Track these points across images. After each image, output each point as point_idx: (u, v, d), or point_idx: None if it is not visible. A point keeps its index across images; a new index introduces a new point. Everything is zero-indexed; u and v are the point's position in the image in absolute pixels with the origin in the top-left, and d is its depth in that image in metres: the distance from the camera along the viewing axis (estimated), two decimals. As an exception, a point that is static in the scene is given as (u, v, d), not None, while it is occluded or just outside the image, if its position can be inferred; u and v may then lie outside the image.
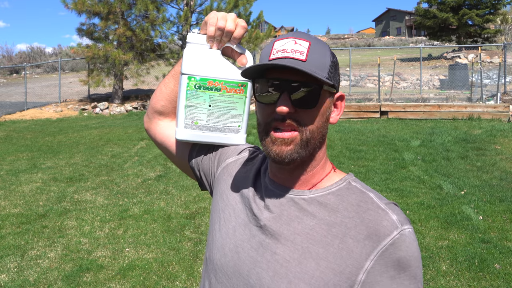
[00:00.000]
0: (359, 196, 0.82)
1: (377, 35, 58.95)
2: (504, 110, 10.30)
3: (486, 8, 26.13)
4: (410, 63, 21.58)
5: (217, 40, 0.95)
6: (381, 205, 0.81)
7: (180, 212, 4.94)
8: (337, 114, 0.88)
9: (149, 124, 1.15)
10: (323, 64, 0.80)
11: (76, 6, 13.85)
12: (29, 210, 5.12)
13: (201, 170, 1.07)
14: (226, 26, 0.93)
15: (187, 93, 0.99)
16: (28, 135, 10.20)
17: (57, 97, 15.73)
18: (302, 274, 0.77)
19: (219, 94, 1.00)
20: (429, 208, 4.81)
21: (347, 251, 0.77)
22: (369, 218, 0.78)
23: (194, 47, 0.99)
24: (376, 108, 11.05)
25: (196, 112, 1.01)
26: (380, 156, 7.11)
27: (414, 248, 0.77)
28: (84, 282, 3.46)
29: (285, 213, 0.84)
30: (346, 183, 0.85)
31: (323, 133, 0.85)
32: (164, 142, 1.12)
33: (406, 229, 0.77)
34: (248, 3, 14.29)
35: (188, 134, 1.02)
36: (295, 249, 0.79)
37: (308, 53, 0.79)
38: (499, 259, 3.62)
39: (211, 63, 0.99)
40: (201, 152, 1.07)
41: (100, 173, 6.64)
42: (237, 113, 1.02)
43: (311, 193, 0.85)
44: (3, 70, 25.67)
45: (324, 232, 0.79)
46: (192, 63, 0.98)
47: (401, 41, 39.53)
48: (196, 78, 0.99)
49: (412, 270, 0.76)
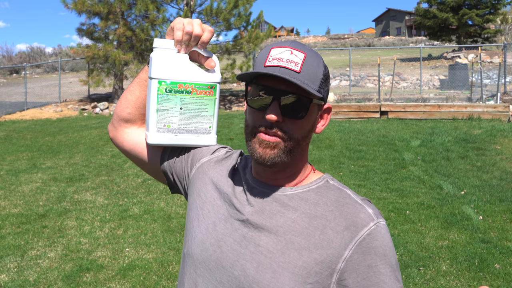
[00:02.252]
0: (337, 193, 0.87)
1: (377, 35, 58.95)
2: (504, 110, 10.30)
3: (486, 8, 26.11)
4: (410, 63, 21.58)
5: (185, 44, 0.98)
6: (358, 200, 0.86)
7: (180, 212, 4.94)
8: (322, 125, 0.92)
9: (115, 133, 1.15)
10: (316, 77, 0.84)
11: (76, 6, 13.85)
12: (29, 210, 5.12)
13: (174, 172, 1.08)
14: (194, 31, 0.96)
15: (158, 97, 1.00)
16: (28, 135, 10.20)
17: (57, 97, 15.73)
18: (286, 263, 0.80)
19: (190, 97, 1.01)
20: (429, 208, 4.81)
21: (327, 242, 0.81)
22: (347, 211, 0.83)
23: (161, 51, 0.99)
24: (376, 108, 11.05)
25: (168, 115, 1.02)
26: (380, 156, 7.11)
27: (388, 239, 0.82)
28: (84, 282, 3.46)
29: (267, 208, 0.87)
30: (324, 182, 0.90)
31: (306, 142, 0.89)
32: (133, 149, 1.12)
33: (381, 221, 0.83)
34: (248, 3, 14.29)
35: (161, 137, 1.03)
36: (278, 240, 0.83)
37: (302, 65, 0.82)
38: (499, 259, 3.62)
39: (180, 67, 1.00)
40: (173, 155, 1.08)
41: (100, 173, 6.64)
42: (208, 114, 1.04)
43: (292, 190, 0.89)
44: (3, 70, 25.66)
45: (305, 224, 0.83)
46: (161, 68, 0.99)
47: (401, 41, 39.53)
48: (167, 82, 1.00)
49: (388, 259, 0.81)
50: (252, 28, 14.98)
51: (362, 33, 69.20)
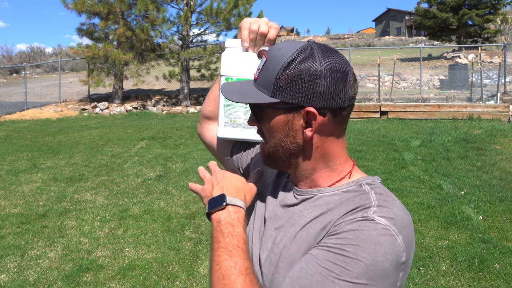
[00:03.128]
0: (358, 192, 0.83)
1: (377, 35, 58.94)
2: (504, 110, 10.30)
3: (486, 8, 26.10)
4: (410, 63, 21.57)
5: (252, 42, 1.03)
6: (373, 196, 0.80)
7: (180, 212, 4.94)
8: (311, 131, 0.82)
9: (200, 129, 1.25)
10: (268, 81, 0.82)
11: (76, 6, 13.85)
12: (29, 210, 5.12)
13: (241, 166, 1.14)
14: (260, 29, 1.01)
15: None
16: (28, 135, 10.20)
17: (57, 97, 15.73)
18: (287, 257, 0.81)
19: None
20: (429, 208, 4.81)
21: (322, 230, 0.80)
22: (350, 203, 0.80)
23: (231, 51, 1.06)
24: (376, 108, 11.05)
25: (234, 110, 1.08)
26: (380, 156, 7.11)
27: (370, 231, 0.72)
28: (84, 282, 3.46)
29: (291, 208, 0.89)
30: (356, 186, 0.85)
31: (289, 148, 0.85)
32: (211, 143, 1.21)
33: (377, 218, 0.73)
34: (248, 3, 14.28)
35: (228, 132, 1.10)
36: (287, 237, 0.85)
37: (261, 71, 0.84)
38: (499, 259, 3.62)
39: (247, 64, 1.05)
40: (241, 150, 1.15)
41: (100, 173, 6.64)
42: None
43: (319, 192, 0.87)
44: (3, 70, 25.66)
45: (318, 230, 0.81)
46: (230, 65, 1.06)
47: (401, 41, 39.52)
48: (233, 79, 1.05)
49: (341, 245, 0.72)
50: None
51: (362, 33, 69.19)
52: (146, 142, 8.83)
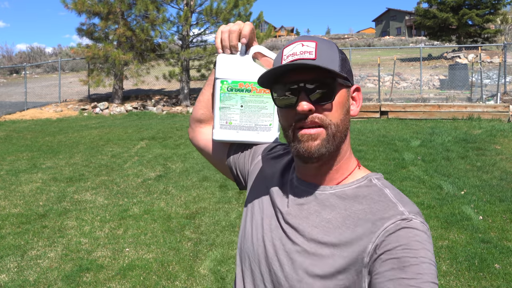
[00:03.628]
0: (375, 192, 0.86)
1: (377, 35, 58.93)
2: (504, 110, 10.30)
3: (486, 8, 26.09)
4: (410, 63, 21.57)
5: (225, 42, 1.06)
6: (393, 198, 0.83)
7: (180, 212, 4.94)
8: (357, 106, 0.91)
9: (192, 133, 1.24)
10: (333, 59, 0.84)
11: (76, 6, 13.85)
12: (29, 210, 5.12)
13: (238, 168, 1.14)
14: (231, 28, 1.05)
15: (221, 95, 1.08)
16: (28, 135, 10.20)
17: (57, 97, 15.73)
18: (317, 261, 0.83)
19: (250, 95, 1.08)
20: (429, 208, 4.81)
21: (356, 240, 0.80)
22: (377, 208, 0.82)
23: (225, 55, 1.08)
24: (376, 108, 11.05)
25: (230, 112, 1.09)
26: (380, 156, 7.11)
27: (417, 233, 0.75)
28: (84, 282, 3.46)
29: (305, 207, 0.89)
30: (367, 181, 0.89)
31: (346, 126, 0.88)
32: (206, 146, 1.21)
33: (413, 218, 0.78)
34: (248, 3, 14.28)
35: (224, 134, 1.10)
36: (312, 239, 0.85)
37: (316, 52, 0.83)
38: (499, 259, 3.62)
39: (242, 67, 1.07)
40: (237, 151, 1.15)
41: (100, 173, 6.64)
42: (268, 112, 1.09)
43: (332, 189, 0.89)
44: (3, 70, 25.66)
45: (339, 224, 0.84)
46: (224, 68, 1.07)
47: (401, 41, 39.51)
48: (228, 81, 1.07)
49: (417, 251, 0.73)
50: (252, 28, 14.95)
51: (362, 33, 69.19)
52: (146, 142, 8.83)
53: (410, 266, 0.72)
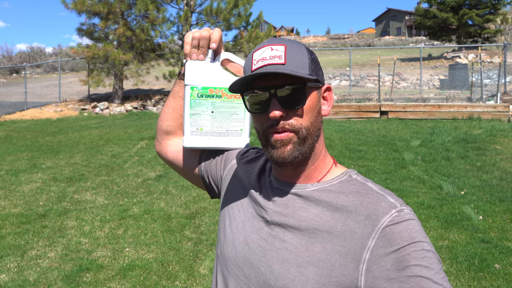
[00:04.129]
0: (358, 186, 0.87)
1: (377, 35, 58.92)
2: (504, 110, 10.30)
3: (486, 8, 26.10)
4: (410, 63, 21.57)
5: (196, 48, 1.05)
6: (379, 191, 0.85)
7: (180, 212, 4.94)
8: (328, 106, 0.92)
9: (160, 146, 1.21)
10: (302, 63, 0.85)
11: (76, 6, 13.85)
12: (29, 210, 5.12)
13: (210, 176, 1.13)
14: (201, 34, 1.04)
15: (191, 102, 1.07)
16: (28, 135, 10.20)
17: (57, 97, 15.73)
18: (310, 257, 0.82)
19: (220, 101, 1.08)
20: (429, 208, 4.81)
21: (349, 233, 0.80)
22: (367, 201, 0.82)
23: (194, 62, 1.07)
24: (376, 108, 11.05)
25: (200, 119, 1.08)
26: (380, 156, 7.11)
27: (414, 224, 0.78)
28: (84, 282, 3.46)
29: (290, 205, 0.89)
30: (347, 177, 0.90)
31: (318, 127, 0.89)
32: (175, 158, 1.18)
33: (404, 208, 0.80)
34: (248, 3, 14.29)
35: (194, 141, 1.09)
36: (302, 235, 0.84)
37: (286, 56, 0.84)
38: (499, 259, 3.62)
39: (211, 74, 1.07)
40: (208, 159, 1.14)
41: (100, 173, 6.64)
42: (239, 117, 1.09)
43: (314, 186, 0.89)
44: (3, 70, 25.66)
45: (327, 218, 0.84)
46: (194, 75, 1.06)
47: (401, 41, 39.50)
48: (198, 88, 1.07)
49: (417, 241, 0.76)
50: (252, 28, 14.98)
51: (362, 33, 69.18)
52: (146, 142, 8.83)
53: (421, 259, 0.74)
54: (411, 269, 0.73)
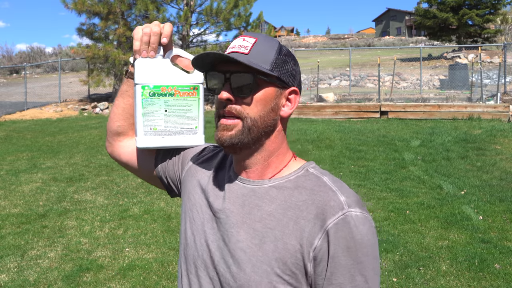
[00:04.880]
0: (314, 181, 0.88)
1: (377, 35, 58.92)
2: (504, 110, 10.30)
3: (486, 8, 26.10)
4: (410, 63, 21.57)
5: (146, 44, 1.01)
6: (333, 187, 0.86)
7: (180, 212, 4.94)
8: (290, 108, 0.92)
9: (111, 148, 1.18)
10: (266, 58, 0.87)
11: (76, 6, 13.84)
12: (29, 210, 5.12)
13: (168, 176, 1.11)
14: (152, 29, 1.01)
15: (143, 101, 1.04)
16: (28, 135, 10.20)
17: (57, 97, 15.73)
18: (263, 257, 0.83)
19: (174, 99, 1.05)
20: (429, 208, 4.81)
21: (300, 232, 0.82)
22: (319, 199, 0.84)
23: (143, 59, 1.04)
24: (376, 108, 11.05)
25: (153, 118, 1.05)
26: (380, 156, 7.11)
27: (357, 230, 0.80)
28: (84, 282, 3.46)
29: (246, 203, 0.90)
30: (304, 171, 0.91)
31: (268, 123, 0.89)
32: (129, 159, 1.16)
33: (352, 211, 0.81)
34: (248, 3, 14.28)
35: (148, 141, 1.06)
36: (255, 234, 0.86)
37: (252, 48, 0.87)
38: (499, 259, 3.62)
39: (162, 71, 1.04)
40: (165, 159, 1.12)
41: (100, 173, 6.64)
42: (193, 115, 1.07)
43: (271, 182, 0.90)
44: (3, 70, 25.66)
45: (280, 216, 0.85)
46: (144, 73, 1.03)
47: (401, 41, 39.51)
48: (150, 86, 1.03)
49: (352, 251, 0.79)
50: (252, 28, 14.98)
51: (362, 33, 69.18)
52: (146, 142, 8.84)
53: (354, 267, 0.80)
54: (335, 272, 0.80)
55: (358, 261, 0.80)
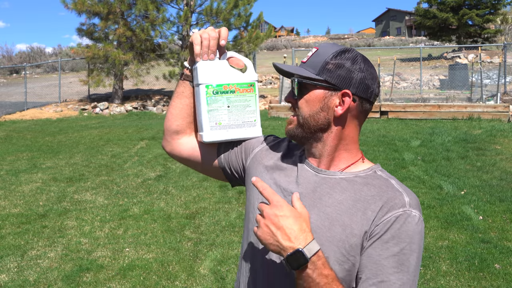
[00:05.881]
0: (382, 182, 0.98)
1: (377, 35, 58.92)
2: (504, 110, 10.30)
3: (486, 8, 26.10)
4: (410, 63, 21.56)
5: (206, 48, 1.12)
6: (399, 189, 0.96)
7: (180, 212, 4.94)
8: (342, 109, 1.00)
9: (170, 147, 1.27)
10: (316, 63, 0.99)
11: (76, 6, 13.84)
12: (29, 210, 5.12)
13: (231, 167, 1.21)
14: (210, 34, 1.11)
15: (207, 99, 1.15)
16: (28, 135, 10.20)
17: (57, 97, 15.73)
18: (332, 237, 0.93)
19: (235, 96, 1.17)
20: (429, 208, 4.81)
21: (366, 221, 0.93)
22: (386, 196, 0.94)
23: (204, 62, 1.14)
24: (376, 108, 11.05)
25: (218, 114, 1.16)
26: (380, 156, 7.11)
27: (411, 228, 0.90)
28: (84, 282, 3.47)
29: (318, 189, 1.00)
30: (372, 172, 1.01)
31: (319, 121, 1.00)
32: (191, 155, 1.25)
33: (412, 211, 0.91)
34: (248, 3, 14.29)
35: (214, 135, 1.17)
36: (325, 218, 0.95)
37: (311, 56, 1.01)
38: (499, 259, 3.62)
39: (222, 71, 1.16)
40: (227, 151, 1.21)
41: (100, 173, 6.64)
42: (252, 109, 1.19)
43: (342, 174, 1.01)
44: (3, 70, 25.66)
45: (350, 206, 0.95)
46: (207, 74, 1.14)
47: (401, 41, 39.50)
48: (213, 85, 1.15)
49: (400, 243, 0.89)
50: (252, 28, 14.98)
51: (362, 33, 69.17)
52: (146, 142, 8.83)
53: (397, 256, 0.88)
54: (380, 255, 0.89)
55: (403, 252, 0.88)
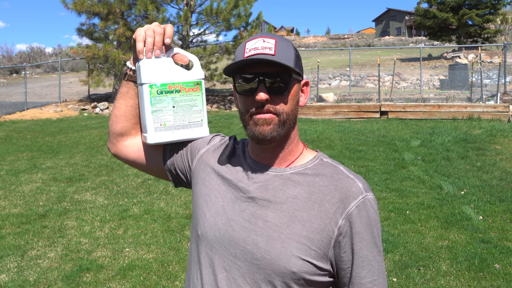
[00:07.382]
0: (331, 169, 1.00)
1: (377, 35, 58.91)
2: (504, 110, 10.30)
3: (486, 8, 26.09)
4: (410, 63, 21.56)
5: (150, 45, 1.06)
6: (350, 175, 0.99)
7: (180, 212, 4.94)
8: (305, 98, 1.04)
9: (115, 149, 1.22)
10: (289, 56, 0.96)
11: (76, 7, 13.84)
12: (29, 210, 5.12)
13: (177, 168, 1.17)
14: (155, 30, 1.06)
15: (151, 99, 1.10)
16: (28, 135, 10.20)
17: (57, 97, 15.73)
18: (292, 234, 0.93)
19: (180, 95, 1.12)
20: (429, 208, 4.81)
21: (325, 213, 0.94)
22: (341, 186, 0.96)
23: (148, 60, 1.08)
24: (376, 108, 11.05)
25: (163, 115, 1.11)
26: (380, 156, 7.11)
27: (373, 211, 0.95)
28: (84, 282, 3.46)
29: (270, 186, 0.98)
30: (319, 160, 1.02)
31: (295, 115, 1.00)
32: (137, 157, 1.21)
33: (368, 195, 0.96)
34: (248, 3, 14.28)
35: (159, 136, 1.12)
36: (283, 215, 0.95)
37: (275, 48, 0.94)
38: (499, 259, 3.62)
39: (166, 70, 1.10)
40: (173, 152, 1.17)
41: (100, 173, 6.64)
42: (198, 109, 1.15)
43: (291, 169, 1.00)
44: (3, 70, 25.65)
45: (305, 199, 0.96)
46: (150, 73, 1.08)
47: (401, 41, 39.50)
48: (157, 85, 1.09)
49: (370, 227, 0.94)
50: (252, 28, 14.98)
51: (362, 33, 69.16)
52: (146, 142, 8.84)
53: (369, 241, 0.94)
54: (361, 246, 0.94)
55: (374, 235, 0.94)
